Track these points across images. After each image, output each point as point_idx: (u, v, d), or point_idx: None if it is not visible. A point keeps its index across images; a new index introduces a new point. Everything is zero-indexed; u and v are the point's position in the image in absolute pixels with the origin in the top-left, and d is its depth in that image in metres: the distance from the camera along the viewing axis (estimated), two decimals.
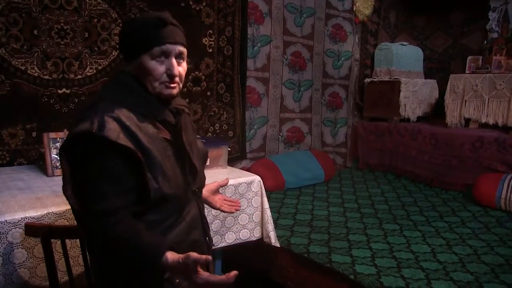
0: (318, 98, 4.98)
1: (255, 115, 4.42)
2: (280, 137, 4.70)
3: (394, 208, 3.68)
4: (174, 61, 1.33)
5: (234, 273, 1.14)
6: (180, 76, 1.35)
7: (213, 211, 2.62)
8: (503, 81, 4.27)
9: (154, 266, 1.18)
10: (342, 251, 2.75)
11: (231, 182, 2.89)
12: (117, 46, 1.38)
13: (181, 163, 1.39)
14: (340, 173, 4.89)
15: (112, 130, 1.21)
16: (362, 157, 5.13)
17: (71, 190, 1.30)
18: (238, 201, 1.85)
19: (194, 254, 1.14)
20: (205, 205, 1.66)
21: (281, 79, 4.61)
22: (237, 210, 1.83)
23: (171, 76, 1.32)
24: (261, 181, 2.98)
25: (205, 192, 1.67)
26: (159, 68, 1.31)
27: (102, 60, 3.12)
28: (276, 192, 4.03)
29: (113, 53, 3.17)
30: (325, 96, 5.06)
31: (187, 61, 1.40)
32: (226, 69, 3.98)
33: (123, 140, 1.22)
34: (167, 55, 1.32)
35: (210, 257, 1.15)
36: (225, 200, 1.81)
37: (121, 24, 1.42)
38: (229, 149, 3.53)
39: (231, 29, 3.97)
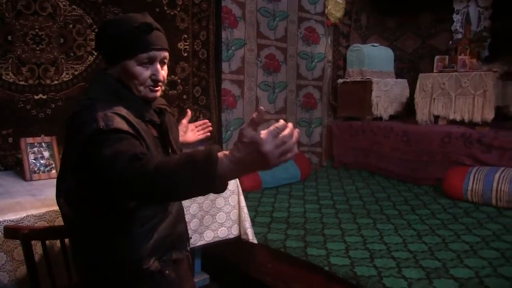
0: (292, 99, 5.09)
1: (231, 117, 4.50)
2: None
3: (368, 203, 3.79)
4: (159, 66, 1.37)
5: (281, 121, 1.04)
6: (163, 79, 1.40)
7: (191, 210, 2.67)
8: (467, 79, 4.44)
9: (212, 170, 1.03)
10: (317, 245, 2.84)
11: None
12: (96, 47, 1.39)
13: None
14: (316, 172, 5.00)
15: (121, 122, 1.24)
16: (337, 156, 5.25)
17: (64, 198, 1.32)
18: (206, 121, 1.95)
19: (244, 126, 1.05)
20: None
21: (256, 81, 4.70)
22: (210, 129, 1.95)
23: (155, 81, 1.37)
24: (238, 180, 3.05)
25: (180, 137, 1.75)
26: (144, 73, 1.35)
27: (78, 66, 3.15)
28: (253, 192, 4.10)
29: (89, 59, 3.21)
30: (300, 97, 5.17)
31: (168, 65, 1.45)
32: (202, 72, 4.05)
33: (132, 130, 1.25)
34: (152, 61, 1.36)
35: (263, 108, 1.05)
36: (196, 128, 1.92)
37: (100, 25, 1.44)
38: None
39: (206, 33, 4.04)
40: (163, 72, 1.40)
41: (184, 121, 1.90)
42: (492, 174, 3.65)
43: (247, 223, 2.88)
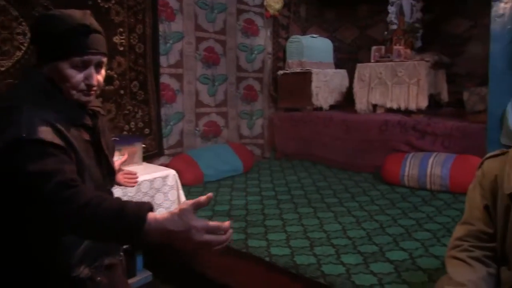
0: (233, 91, 5.08)
1: (171, 111, 4.44)
2: (197, 132, 4.74)
3: (309, 193, 3.84)
4: (93, 71, 1.30)
5: (228, 222, 1.10)
6: (98, 84, 1.33)
7: None
8: (402, 69, 4.58)
9: (138, 230, 1.04)
10: (258, 236, 2.84)
11: (146, 177, 2.91)
12: (31, 40, 1.30)
13: (99, 164, 1.40)
14: (258, 163, 5.01)
15: (45, 132, 1.16)
16: (279, 147, 5.28)
17: None
18: (135, 173, 1.90)
19: (191, 200, 1.09)
20: None
21: (195, 74, 4.65)
22: (136, 182, 1.90)
23: (89, 86, 1.30)
24: (176, 175, 3.02)
25: None
26: (77, 77, 1.28)
27: (4, 61, 2.98)
28: (195, 186, 4.05)
29: (17, 54, 3.04)
30: (240, 89, 5.17)
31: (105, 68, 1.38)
32: (139, 66, 3.96)
33: (57, 140, 1.18)
34: (86, 65, 1.28)
35: (211, 195, 1.12)
36: (125, 174, 1.85)
37: (37, 18, 1.35)
38: (144, 145, 3.52)
39: (142, 26, 3.95)
40: (99, 76, 1.33)
41: (118, 162, 1.81)
42: (426, 159, 3.79)
43: None
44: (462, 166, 3.55)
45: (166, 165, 3.90)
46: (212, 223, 1.05)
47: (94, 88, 1.32)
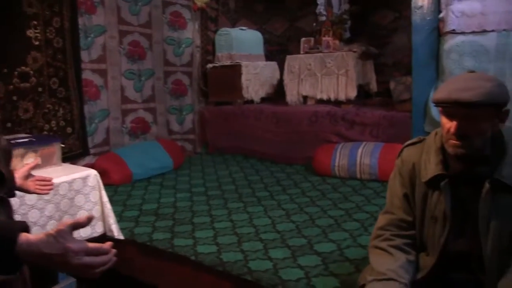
0: (160, 86, 4.90)
1: (95, 108, 4.21)
2: (124, 129, 4.53)
3: (240, 187, 3.75)
4: None
5: (109, 243, 1.01)
6: None
7: (46, 212, 2.49)
8: (331, 60, 4.59)
9: (6, 252, 0.93)
10: (185, 235, 2.72)
11: (65, 179, 2.73)
12: None
13: None
14: (190, 159, 4.87)
15: None
16: (211, 142, 5.17)
17: None
18: (50, 179, 1.79)
19: (69, 220, 0.98)
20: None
21: (120, 69, 4.44)
22: (50, 189, 1.80)
23: None
24: (98, 175, 2.86)
25: (18, 180, 1.59)
26: None
27: None
28: (123, 185, 3.87)
29: None
30: (168, 84, 5.00)
31: None
32: (58, 62, 3.72)
33: None
34: None
35: (92, 216, 1.01)
36: (37, 181, 1.73)
37: None
38: (63, 145, 3.29)
39: (60, 19, 3.71)
40: None
41: (26, 168, 1.70)
42: (355, 149, 3.81)
43: (111, 219, 2.76)
44: (390, 155, 3.57)
45: (92, 165, 3.72)
46: (91, 245, 0.95)
47: None
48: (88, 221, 0.98)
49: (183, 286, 2.53)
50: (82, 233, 2.62)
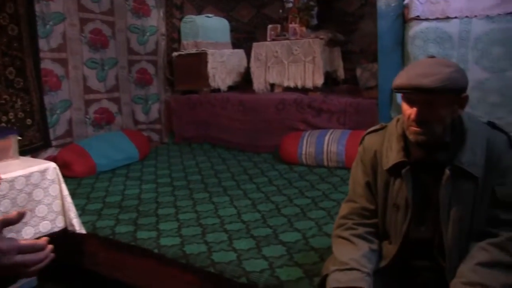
0: (125, 76, 4.76)
1: (56, 99, 4.05)
2: (87, 120, 4.39)
3: (206, 177, 3.69)
4: None
5: (45, 238, 0.95)
6: None
7: (1, 208, 2.37)
8: (298, 47, 4.54)
9: None
10: (148, 227, 2.66)
11: (21, 173, 2.62)
12: None
13: None
14: (156, 149, 4.77)
15: None
16: (177, 131, 5.07)
17: None
18: None
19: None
20: None
21: (81, 59, 4.28)
22: None
23: None
24: (57, 168, 2.77)
25: None
26: None
27: None
28: (87, 177, 3.76)
29: None
30: (133, 73, 4.86)
31: None
32: (14, 51, 3.55)
33: None
34: None
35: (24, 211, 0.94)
36: None
37: None
38: (20, 137, 3.16)
39: (13, 5, 3.52)
40: None
41: None
42: (322, 137, 3.79)
43: (72, 213, 2.67)
44: (356, 142, 3.48)
45: (54, 158, 3.61)
46: (24, 242, 0.89)
47: None
48: (19, 216, 0.91)
49: (146, 279, 2.47)
50: (42, 229, 2.54)
